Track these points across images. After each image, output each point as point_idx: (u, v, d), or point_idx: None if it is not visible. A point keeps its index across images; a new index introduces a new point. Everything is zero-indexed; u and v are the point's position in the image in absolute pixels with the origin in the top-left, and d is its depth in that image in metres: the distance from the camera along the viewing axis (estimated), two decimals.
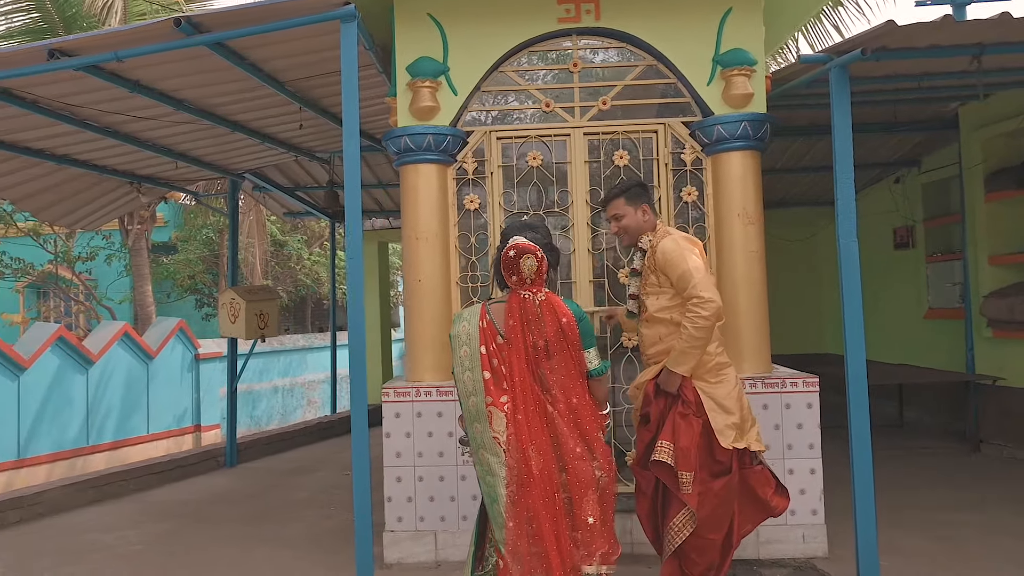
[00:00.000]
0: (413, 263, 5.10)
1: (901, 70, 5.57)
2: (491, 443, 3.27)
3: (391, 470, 4.98)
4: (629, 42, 5.25)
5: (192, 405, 12.15)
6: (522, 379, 3.24)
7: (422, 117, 5.08)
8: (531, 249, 3.29)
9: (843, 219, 4.42)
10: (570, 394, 3.28)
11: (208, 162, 7.61)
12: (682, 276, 3.82)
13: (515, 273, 3.31)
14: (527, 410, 3.23)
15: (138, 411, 11.03)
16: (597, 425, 3.33)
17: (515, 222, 3.57)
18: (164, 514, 6.61)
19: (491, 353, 3.30)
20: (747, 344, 4.99)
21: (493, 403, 3.26)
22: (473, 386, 3.33)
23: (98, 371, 10.34)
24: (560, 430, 3.24)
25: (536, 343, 3.27)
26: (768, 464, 4.01)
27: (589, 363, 3.35)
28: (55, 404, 9.62)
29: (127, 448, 10.81)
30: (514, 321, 3.28)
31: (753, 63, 5.10)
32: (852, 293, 4.34)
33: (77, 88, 5.07)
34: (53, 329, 9.76)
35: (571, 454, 3.22)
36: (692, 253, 3.87)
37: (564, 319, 3.28)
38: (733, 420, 3.84)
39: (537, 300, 3.30)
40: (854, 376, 4.29)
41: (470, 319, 3.40)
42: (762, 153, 5.21)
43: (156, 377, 11.35)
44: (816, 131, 7.87)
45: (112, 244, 17.00)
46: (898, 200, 9.60)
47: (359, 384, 4.14)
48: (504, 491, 3.22)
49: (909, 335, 9.73)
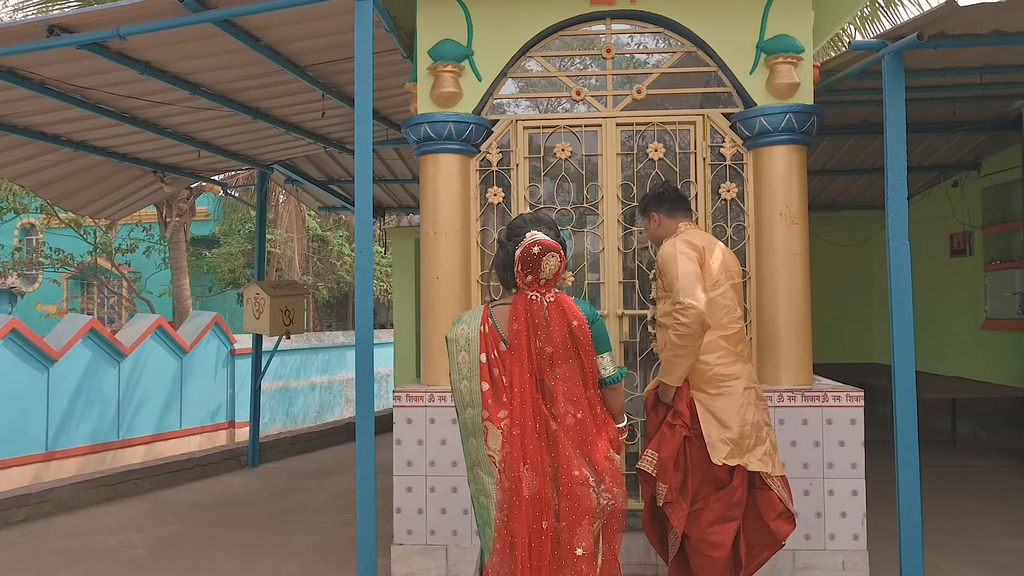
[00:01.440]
0: (430, 259, 4.81)
1: (962, 61, 5.19)
2: (486, 461, 2.95)
3: (401, 479, 4.68)
4: (666, 26, 4.91)
5: (227, 401, 12.03)
6: (522, 391, 2.89)
7: (444, 104, 4.78)
8: (554, 247, 2.93)
9: (894, 220, 4.11)
10: (577, 408, 2.92)
11: (234, 152, 7.41)
12: (671, 281, 3.67)
13: (533, 272, 2.93)
14: (524, 426, 2.87)
15: (171, 406, 10.91)
16: (606, 442, 2.96)
17: (526, 215, 3.20)
18: (174, 516, 6.42)
19: (492, 362, 2.96)
20: (786, 353, 4.63)
21: (490, 418, 2.92)
22: (470, 397, 3.00)
23: (130, 364, 10.23)
24: (562, 450, 2.87)
25: (543, 350, 2.91)
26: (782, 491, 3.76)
27: (603, 369, 3.01)
28: (85, 397, 9.51)
29: (159, 443, 10.69)
30: (519, 326, 2.92)
31: (800, 50, 4.74)
32: (902, 299, 4.04)
33: (85, 69, 4.87)
34: (85, 321, 9.67)
35: (569, 478, 2.84)
36: (687, 257, 3.69)
37: (575, 321, 2.94)
38: (728, 435, 3.64)
39: (545, 301, 2.95)
40: (902, 388, 3.99)
41: (470, 322, 3.06)
42: (808, 148, 4.85)
43: (190, 372, 11.22)
44: (870, 130, 7.48)
45: (152, 236, 17.05)
46: (955, 205, 9.19)
47: (366, 387, 3.88)
48: (496, 515, 2.90)
49: (964, 347, 9.34)
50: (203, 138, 6.79)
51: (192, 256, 18.75)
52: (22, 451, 8.56)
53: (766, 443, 3.73)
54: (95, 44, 4.36)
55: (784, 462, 4.40)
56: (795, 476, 4.40)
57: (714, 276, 3.80)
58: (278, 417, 12.94)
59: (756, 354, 4.72)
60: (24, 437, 8.58)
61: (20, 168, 6.62)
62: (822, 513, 4.49)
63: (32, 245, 21.38)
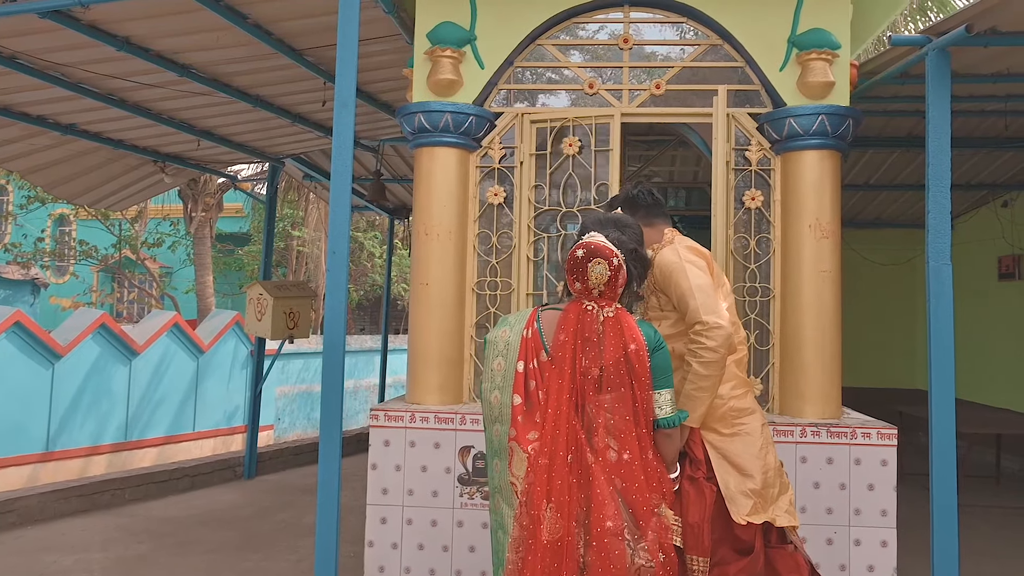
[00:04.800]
0: (421, 263, 4.38)
1: (1015, 65, 4.74)
2: (508, 489, 2.54)
3: (375, 509, 4.19)
4: (690, 16, 4.47)
5: (245, 403, 11.71)
6: (557, 413, 2.46)
7: (441, 92, 4.37)
8: (605, 253, 2.54)
9: (934, 237, 3.68)
10: (624, 445, 2.47)
11: (239, 143, 7.09)
12: (682, 297, 3.01)
13: (580, 279, 2.56)
14: (554, 455, 2.43)
15: (185, 408, 10.57)
16: (657, 495, 2.49)
17: (599, 214, 2.80)
18: (146, 534, 6.00)
19: (529, 373, 2.57)
20: (811, 383, 4.14)
21: (517, 437, 2.51)
22: (500, 411, 2.62)
23: (142, 362, 9.92)
24: (597, 491, 2.40)
25: (588, 370, 2.50)
26: (802, 546, 3.14)
27: (658, 408, 2.58)
28: (92, 395, 9.20)
29: (171, 446, 10.40)
30: (566, 336, 2.52)
31: (836, 47, 4.27)
32: (942, 323, 3.62)
33: (57, 42, 4.55)
34: (96, 316, 9.43)
35: (601, 526, 2.37)
36: (696, 267, 3.08)
37: (633, 345, 2.52)
38: (751, 486, 2.98)
39: (602, 315, 2.54)
40: (939, 420, 3.57)
41: (515, 325, 2.69)
42: (843, 154, 4.38)
43: (207, 372, 10.89)
44: (915, 143, 7.00)
45: (178, 231, 16.89)
46: (1004, 226, 8.73)
47: (333, 401, 3.48)
48: (510, 556, 2.45)
49: (1011, 376, 8.86)
50: (203, 126, 6.46)
51: (220, 253, 18.58)
52: (19, 450, 8.23)
53: (789, 490, 3.14)
54: (58, 13, 4.03)
55: (805, 506, 3.94)
56: (817, 523, 3.93)
57: (725, 290, 3.27)
58: (299, 422, 12.55)
59: (778, 382, 4.25)
60: (23, 435, 8.27)
61: (5, 151, 6.33)
62: (847, 566, 3.96)
63: (65, 236, 21.40)
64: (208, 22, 4.37)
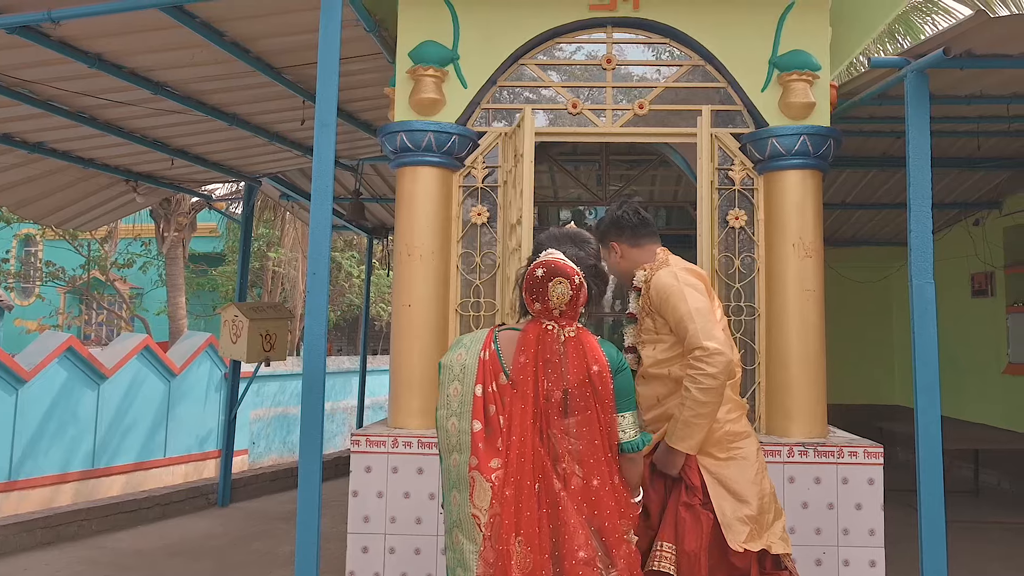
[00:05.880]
0: (404, 284, 4.31)
1: (988, 87, 4.84)
2: (469, 522, 2.37)
3: (356, 538, 4.08)
4: (672, 37, 4.48)
5: (218, 427, 11.49)
6: (522, 439, 2.32)
7: (423, 111, 4.33)
8: (566, 271, 2.39)
9: (917, 256, 3.71)
10: (591, 472, 2.35)
11: (215, 162, 6.99)
12: (680, 321, 2.93)
13: (539, 299, 2.41)
14: (521, 484, 2.29)
15: (156, 433, 10.31)
16: (626, 520, 2.39)
17: (556, 230, 2.67)
18: (113, 567, 5.78)
19: (489, 397, 2.40)
20: (798, 402, 4.13)
21: (479, 466, 2.34)
22: (458, 439, 2.43)
23: (111, 387, 9.68)
24: (566, 520, 2.29)
25: (552, 393, 2.36)
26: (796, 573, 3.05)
27: (621, 432, 2.44)
28: (58, 421, 8.94)
29: (141, 472, 10.15)
30: (526, 358, 2.37)
31: (816, 67, 4.31)
32: (927, 341, 3.64)
33: (25, 59, 4.45)
34: (63, 339, 9.20)
35: (574, 558, 2.26)
36: (695, 289, 2.99)
37: (595, 367, 2.38)
38: (747, 512, 2.90)
39: (564, 335, 2.41)
40: (926, 438, 3.57)
41: (470, 347, 2.51)
42: (824, 174, 4.40)
43: (179, 396, 10.65)
44: (891, 163, 7.08)
45: (150, 251, 16.66)
46: (977, 244, 8.82)
47: (313, 425, 3.40)
48: None
49: (986, 392, 8.97)
50: (177, 145, 6.36)
51: (193, 274, 18.36)
52: None
53: (782, 516, 3.06)
54: (27, 28, 3.93)
55: (793, 526, 3.91)
56: (806, 543, 3.90)
57: (719, 310, 3.18)
58: (274, 446, 12.32)
59: (764, 401, 4.24)
60: None
61: None
62: None
63: (31, 257, 21.06)
64: (184, 39, 4.30)
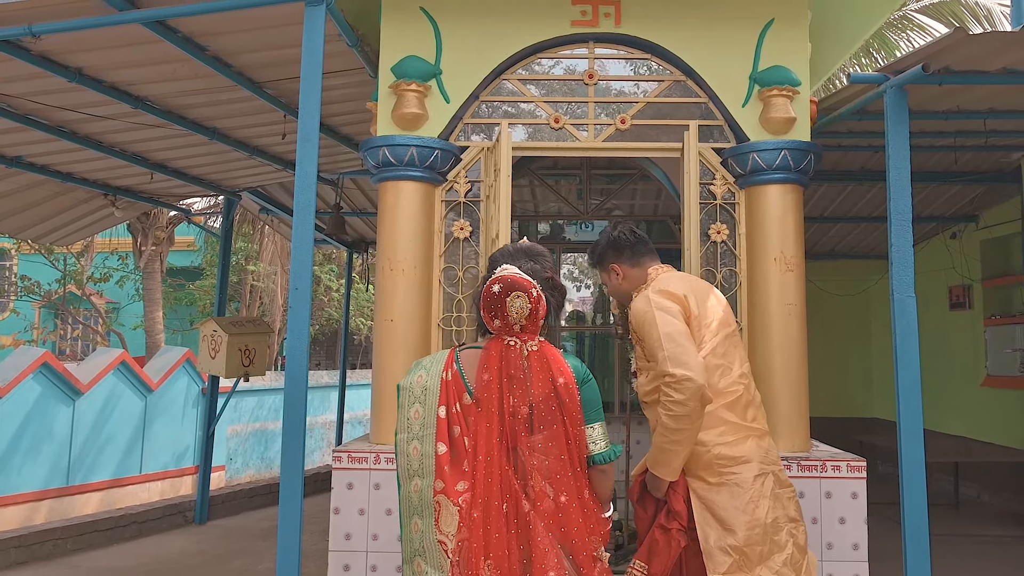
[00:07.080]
0: (385, 299, 4.29)
1: (966, 103, 4.89)
2: (434, 550, 2.28)
3: (338, 555, 4.04)
4: (653, 53, 4.50)
5: (196, 444, 11.35)
6: (488, 460, 2.26)
7: (406, 126, 4.33)
8: (523, 285, 2.35)
9: (898, 269, 3.72)
10: (560, 488, 2.29)
11: (195, 176, 6.95)
12: (651, 348, 2.91)
13: (499, 315, 2.36)
14: (488, 506, 2.24)
15: (132, 449, 10.16)
16: (597, 537, 2.33)
17: (509, 246, 2.64)
18: None
19: (452, 418, 2.34)
20: (781, 416, 4.13)
21: (445, 490, 2.28)
22: (420, 463, 2.35)
23: (86, 403, 9.55)
24: (536, 540, 2.23)
25: (518, 409, 2.30)
26: None
27: (592, 444, 2.38)
28: (32, 438, 8.79)
29: (117, 490, 10.00)
30: (490, 376, 2.32)
31: (796, 83, 4.34)
32: (909, 354, 3.65)
33: (4, 73, 4.40)
34: (37, 354, 9.07)
35: None
36: (667, 313, 2.95)
37: (561, 379, 2.33)
38: (731, 542, 2.82)
39: (527, 350, 2.35)
40: (909, 452, 3.57)
41: (431, 367, 2.44)
42: (805, 189, 4.44)
43: (156, 412, 10.51)
44: (869, 177, 7.16)
45: (127, 265, 16.52)
46: (954, 257, 8.88)
47: (294, 441, 3.37)
48: None
49: (964, 404, 9.02)
50: (157, 159, 6.31)
51: (170, 288, 18.21)
52: None
53: (787, 548, 2.90)
54: (6, 43, 3.90)
55: None
56: None
57: (712, 329, 3.08)
58: (252, 462, 12.18)
59: None
60: None
61: None
62: None
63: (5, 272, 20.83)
64: (165, 54, 4.27)
